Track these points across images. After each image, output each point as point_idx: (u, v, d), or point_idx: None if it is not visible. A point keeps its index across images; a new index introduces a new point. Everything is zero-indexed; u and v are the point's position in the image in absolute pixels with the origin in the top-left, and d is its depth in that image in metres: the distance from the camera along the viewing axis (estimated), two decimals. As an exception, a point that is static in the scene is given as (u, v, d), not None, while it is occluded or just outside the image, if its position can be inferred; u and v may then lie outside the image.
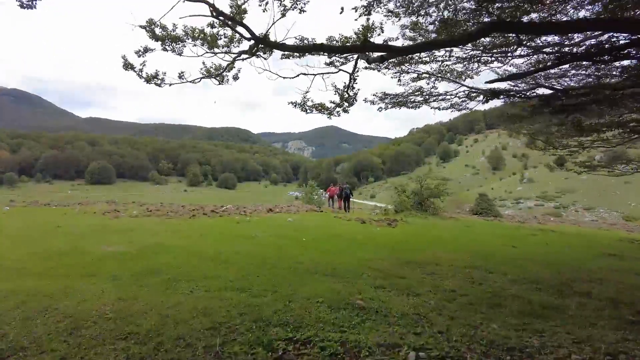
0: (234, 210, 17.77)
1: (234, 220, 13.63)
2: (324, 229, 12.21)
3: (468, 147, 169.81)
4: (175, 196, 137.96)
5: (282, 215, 16.56)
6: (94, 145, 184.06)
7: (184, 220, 13.25)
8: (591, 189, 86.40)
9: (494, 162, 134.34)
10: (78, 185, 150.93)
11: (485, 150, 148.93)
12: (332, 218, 16.55)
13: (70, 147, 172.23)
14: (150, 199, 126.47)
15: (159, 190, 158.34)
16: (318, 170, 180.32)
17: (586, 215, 71.73)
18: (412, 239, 11.42)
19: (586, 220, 45.17)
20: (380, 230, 13.24)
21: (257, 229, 11.48)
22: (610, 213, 72.66)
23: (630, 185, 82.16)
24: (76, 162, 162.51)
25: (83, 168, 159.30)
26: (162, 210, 16.20)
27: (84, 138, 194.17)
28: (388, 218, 17.43)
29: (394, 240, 10.89)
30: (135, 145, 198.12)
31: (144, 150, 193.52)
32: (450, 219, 20.16)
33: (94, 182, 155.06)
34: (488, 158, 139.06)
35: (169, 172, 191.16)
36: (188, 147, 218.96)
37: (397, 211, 20.73)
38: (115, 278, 5.75)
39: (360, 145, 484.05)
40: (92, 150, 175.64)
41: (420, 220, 17.83)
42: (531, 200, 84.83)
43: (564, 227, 22.54)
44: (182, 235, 9.83)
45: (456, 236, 12.70)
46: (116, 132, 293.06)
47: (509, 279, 6.70)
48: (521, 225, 21.47)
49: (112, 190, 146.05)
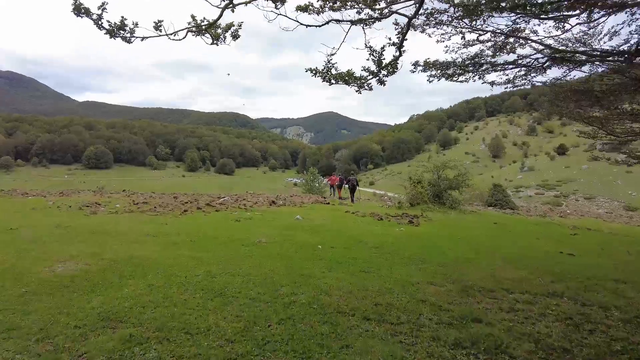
0: (232, 202, 15.79)
1: (233, 218, 11.67)
2: (341, 230, 10.24)
3: (468, 135, 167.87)
4: (174, 182, 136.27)
5: (286, 210, 14.60)
6: (91, 130, 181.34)
7: (174, 218, 11.22)
8: (592, 178, 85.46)
9: (494, 149, 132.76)
10: (75, 170, 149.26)
11: (486, 138, 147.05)
12: (343, 213, 14.56)
13: (66, 131, 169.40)
14: (147, 184, 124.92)
15: (157, 175, 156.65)
16: (317, 156, 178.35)
17: (587, 204, 71.02)
18: (446, 243, 9.44)
19: (600, 213, 43.43)
20: (405, 230, 11.21)
21: (260, 230, 9.53)
22: (610, 202, 71.93)
23: (632, 175, 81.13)
24: (73, 147, 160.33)
25: (80, 152, 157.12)
26: (151, 203, 14.17)
27: (81, 122, 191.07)
28: (406, 213, 15.38)
29: (427, 246, 8.93)
30: (132, 130, 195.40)
31: (141, 134, 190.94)
32: (471, 213, 18.21)
33: (91, 166, 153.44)
34: (488, 146, 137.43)
35: (166, 157, 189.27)
36: (186, 132, 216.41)
37: (412, 204, 18.58)
38: (41, 338, 3.53)
39: (359, 131, 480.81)
40: (89, 134, 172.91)
41: (442, 216, 15.85)
42: (532, 189, 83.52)
43: (588, 222, 20.94)
44: (167, 243, 7.75)
45: (493, 238, 10.82)
46: (113, 117, 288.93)
47: (621, 317, 4.79)
48: (543, 219, 19.75)
49: (109, 175, 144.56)
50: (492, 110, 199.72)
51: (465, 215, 17.17)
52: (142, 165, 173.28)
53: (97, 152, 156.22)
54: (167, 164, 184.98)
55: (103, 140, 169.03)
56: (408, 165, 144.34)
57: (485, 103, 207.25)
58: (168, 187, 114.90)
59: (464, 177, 20.09)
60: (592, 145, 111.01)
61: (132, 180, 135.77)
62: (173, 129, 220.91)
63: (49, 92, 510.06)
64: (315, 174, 41.38)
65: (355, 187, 22.47)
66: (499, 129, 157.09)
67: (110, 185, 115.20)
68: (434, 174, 20.62)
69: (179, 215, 11.74)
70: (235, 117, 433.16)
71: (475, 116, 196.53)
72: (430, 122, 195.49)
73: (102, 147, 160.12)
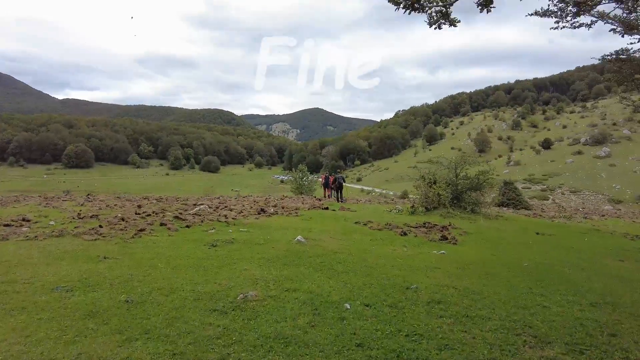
0: (210, 211, 12.50)
1: (207, 240, 8.10)
2: (366, 261, 6.91)
3: (454, 130, 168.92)
4: (156, 181, 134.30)
5: (279, 222, 11.38)
6: (71, 128, 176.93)
7: (120, 244, 7.57)
8: (577, 171, 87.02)
9: (480, 144, 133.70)
10: (55, 169, 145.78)
11: (471, 133, 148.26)
12: (353, 225, 11.57)
13: (45, 130, 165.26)
14: (130, 184, 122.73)
15: (139, 174, 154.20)
16: (303, 153, 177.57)
17: (572, 198, 72.81)
18: (523, 281, 6.40)
19: (622, 211, 43.25)
20: (449, 254, 8.18)
21: (246, 268, 6.10)
22: (596, 196, 73.49)
23: (615, 168, 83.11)
24: (52, 146, 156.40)
25: (59, 152, 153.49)
26: (102, 217, 10.75)
27: (60, 120, 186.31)
28: (429, 222, 12.50)
29: (505, 291, 5.80)
30: (114, 128, 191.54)
31: (123, 132, 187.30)
32: (497, 218, 15.57)
33: (72, 166, 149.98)
34: (474, 140, 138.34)
35: (149, 155, 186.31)
36: (169, 130, 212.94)
37: (427, 208, 15.67)
38: None
39: (345, 127, 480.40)
40: (68, 132, 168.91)
41: (470, 225, 13.03)
42: (519, 183, 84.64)
43: (624, 225, 18.37)
44: (76, 316, 4.15)
45: (577, 269, 7.84)
46: (95, 115, 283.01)
47: None
48: (580, 224, 17.04)
49: (90, 174, 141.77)
50: (477, 105, 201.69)
51: (493, 221, 14.58)
52: (124, 164, 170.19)
53: (77, 151, 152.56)
54: (150, 162, 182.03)
55: (84, 138, 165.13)
56: (395, 161, 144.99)
57: (470, 98, 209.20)
58: (150, 187, 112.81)
59: (487, 175, 17.03)
60: (575, 139, 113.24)
61: (113, 179, 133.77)
62: (156, 126, 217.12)
63: (28, 90, 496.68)
64: (305, 172, 39.83)
65: (342, 185, 22.00)
66: (484, 124, 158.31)
67: (92, 185, 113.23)
68: (450, 171, 17.42)
69: (130, 238, 8.11)
70: (219, 114, 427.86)
71: (461, 111, 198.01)
72: (416, 117, 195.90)
73: (82, 145, 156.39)
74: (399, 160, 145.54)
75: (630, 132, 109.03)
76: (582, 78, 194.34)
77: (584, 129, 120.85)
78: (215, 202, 17.48)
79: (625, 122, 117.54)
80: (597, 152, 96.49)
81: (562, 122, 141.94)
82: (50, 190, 75.68)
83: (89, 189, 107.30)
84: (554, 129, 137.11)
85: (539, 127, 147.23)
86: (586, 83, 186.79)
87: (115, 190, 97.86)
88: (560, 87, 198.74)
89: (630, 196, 69.15)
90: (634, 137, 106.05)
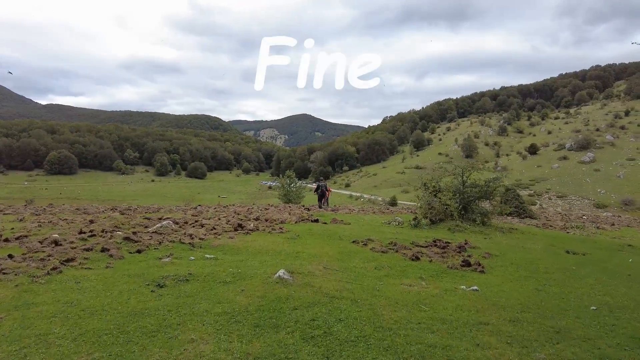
0: (173, 229, 10.01)
1: (153, 277, 5.80)
2: (378, 317, 4.64)
3: (441, 135, 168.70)
4: (141, 187, 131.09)
5: (258, 242, 9.01)
6: (54, 133, 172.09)
7: (19, 289, 5.12)
8: (563, 176, 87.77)
9: (467, 150, 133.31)
10: (37, 175, 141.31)
11: (458, 139, 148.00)
12: (350, 246, 9.35)
13: (26, 135, 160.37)
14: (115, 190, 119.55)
15: (125, 180, 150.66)
16: (292, 158, 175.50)
17: (559, 202, 73.23)
18: (610, 350, 4.28)
19: (622, 219, 41.73)
20: (481, 290, 6.10)
21: (195, 334, 3.95)
22: (582, 200, 74.02)
23: (599, 173, 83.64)
24: (34, 152, 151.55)
25: (41, 158, 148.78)
26: (30, 241, 8.36)
27: (42, 126, 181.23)
28: (440, 240, 10.31)
29: None
30: (98, 134, 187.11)
31: (108, 138, 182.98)
32: (513, 232, 13.43)
33: (54, 172, 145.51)
34: (461, 146, 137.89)
35: (135, 161, 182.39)
36: (155, 135, 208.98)
37: (432, 221, 13.50)
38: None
39: (333, 133, 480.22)
40: (51, 138, 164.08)
41: (490, 243, 10.88)
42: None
43: (635, 234, 17.30)
44: None
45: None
46: (80, 120, 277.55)
47: None
48: (607, 237, 15.33)
49: (74, 181, 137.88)
50: (463, 111, 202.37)
51: (508, 235, 12.48)
52: (109, 170, 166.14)
53: (60, 157, 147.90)
54: (136, 168, 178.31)
55: (67, 144, 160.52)
56: (383, 166, 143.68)
57: (456, 104, 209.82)
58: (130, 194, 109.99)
59: (498, 182, 14.77)
60: (560, 145, 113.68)
61: (97, 186, 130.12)
62: (142, 132, 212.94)
63: (9, 95, 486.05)
64: (293, 178, 38.63)
65: (324, 193, 20.62)
66: (471, 130, 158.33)
67: (75, 192, 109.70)
68: (456, 178, 15.19)
69: (44, 275, 5.64)
70: (207, 120, 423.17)
71: (447, 117, 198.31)
72: (403, 123, 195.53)
73: (65, 151, 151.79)
74: (387, 165, 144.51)
75: (613, 138, 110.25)
76: (565, 85, 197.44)
77: (568, 134, 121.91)
78: (190, 213, 15.25)
79: (608, 128, 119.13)
80: (581, 157, 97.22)
81: (547, 127, 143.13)
82: (21, 198, 72.45)
83: (72, 195, 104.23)
84: (539, 134, 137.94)
85: (525, 132, 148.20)
86: (569, 90, 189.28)
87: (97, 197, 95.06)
88: (544, 94, 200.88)
89: (615, 201, 69.39)
90: (617, 142, 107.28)
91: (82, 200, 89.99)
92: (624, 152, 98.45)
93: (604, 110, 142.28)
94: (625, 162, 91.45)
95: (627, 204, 65.33)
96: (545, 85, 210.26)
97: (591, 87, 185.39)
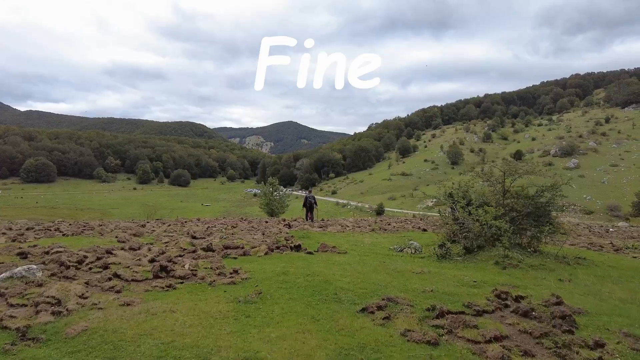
0: (31, 278, 6.12)
1: None
2: None
3: (426, 142, 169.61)
4: (121, 196, 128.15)
5: (167, 323, 3.85)
6: (31, 140, 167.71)
7: None
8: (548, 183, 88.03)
9: (453, 156, 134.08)
10: (12, 184, 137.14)
11: (444, 145, 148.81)
12: (356, 323, 4.06)
13: (2, 142, 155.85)
14: (95, 199, 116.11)
15: (105, 188, 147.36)
16: (277, 165, 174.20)
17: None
18: None
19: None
20: None
21: None
22: (568, 207, 73.93)
23: (584, 179, 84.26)
24: (9, 159, 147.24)
25: (18, 165, 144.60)
26: None
27: (19, 132, 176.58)
28: (509, 294, 8.39)
29: None
30: (79, 141, 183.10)
31: (88, 145, 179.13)
32: (581, 263, 8.45)
33: (31, 180, 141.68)
34: (447, 153, 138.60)
35: (117, 168, 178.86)
36: (138, 142, 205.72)
37: (468, 249, 9.04)
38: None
39: (319, 140, 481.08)
40: (28, 145, 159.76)
41: (581, 295, 5.96)
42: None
43: None
44: None
45: None
46: (60, 127, 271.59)
47: None
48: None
49: (52, 189, 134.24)
50: (448, 118, 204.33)
51: (583, 271, 7.71)
52: (89, 178, 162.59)
53: (37, 165, 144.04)
54: (117, 176, 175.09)
55: (45, 151, 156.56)
56: (369, 173, 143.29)
57: (441, 111, 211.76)
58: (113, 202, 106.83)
59: (557, 191, 9.84)
60: (545, 151, 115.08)
61: (76, 194, 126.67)
62: (124, 139, 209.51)
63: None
64: (276, 185, 36.20)
65: (312, 205, 19.09)
66: (456, 137, 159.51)
67: (53, 201, 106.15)
68: (492, 185, 10.61)
69: None
70: (191, 127, 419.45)
71: (432, 124, 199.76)
72: (389, 130, 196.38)
73: (43, 159, 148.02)
74: (374, 172, 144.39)
75: (596, 144, 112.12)
76: (547, 92, 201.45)
77: (552, 141, 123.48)
78: (125, 235, 10.75)
79: (590, 135, 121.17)
80: (566, 163, 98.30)
81: (531, 134, 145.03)
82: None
83: (48, 204, 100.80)
84: (523, 141, 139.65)
85: (509, 139, 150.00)
86: (551, 97, 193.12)
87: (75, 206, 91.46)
88: (527, 101, 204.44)
89: (601, 207, 69.89)
90: (599, 148, 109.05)
91: (59, 209, 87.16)
92: (607, 158, 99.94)
93: (585, 117, 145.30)
94: (608, 167, 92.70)
95: (613, 209, 65.83)
96: (528, 92, 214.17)
97: (572, 94, 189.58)
